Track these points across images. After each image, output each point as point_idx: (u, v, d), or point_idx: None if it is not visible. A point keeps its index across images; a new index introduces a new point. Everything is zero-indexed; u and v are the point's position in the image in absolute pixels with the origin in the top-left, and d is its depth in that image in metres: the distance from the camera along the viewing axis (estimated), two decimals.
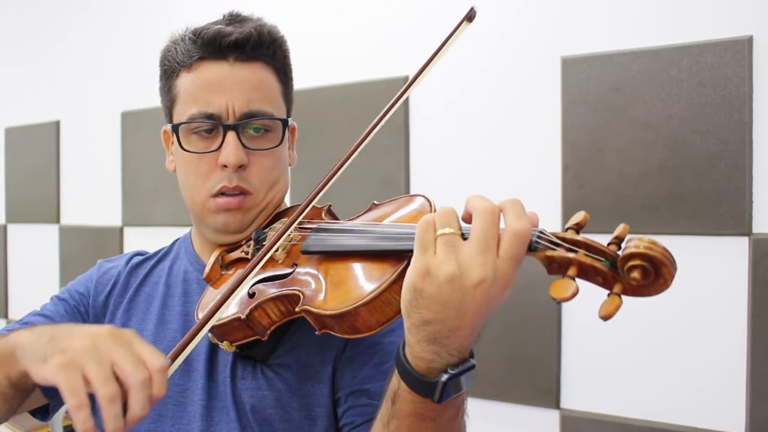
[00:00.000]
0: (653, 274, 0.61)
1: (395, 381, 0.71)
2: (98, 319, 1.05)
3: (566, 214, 1.66)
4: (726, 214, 1.49)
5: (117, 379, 0.65)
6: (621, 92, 1.60)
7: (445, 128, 1.87)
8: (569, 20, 1.69)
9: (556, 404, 1.69)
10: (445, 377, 0.66)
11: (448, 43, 0.87)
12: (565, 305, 1.67)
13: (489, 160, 1.80)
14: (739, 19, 1.48)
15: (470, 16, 0.88)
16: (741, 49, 1.47)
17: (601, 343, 1.63)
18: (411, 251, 0.70)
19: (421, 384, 0.68)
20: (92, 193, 2.70)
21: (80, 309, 1.05)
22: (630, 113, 1.59)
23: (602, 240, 0.64)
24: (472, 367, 0.68)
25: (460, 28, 0.88)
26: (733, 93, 1.48)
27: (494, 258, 0.63)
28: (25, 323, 1.02)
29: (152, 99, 2.42)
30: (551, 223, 1.69)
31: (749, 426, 1.47)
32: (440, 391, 0.67)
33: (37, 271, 2.87)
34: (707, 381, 1.52)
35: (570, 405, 1.69)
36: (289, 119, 1.02)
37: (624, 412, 1.61)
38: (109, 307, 1.06)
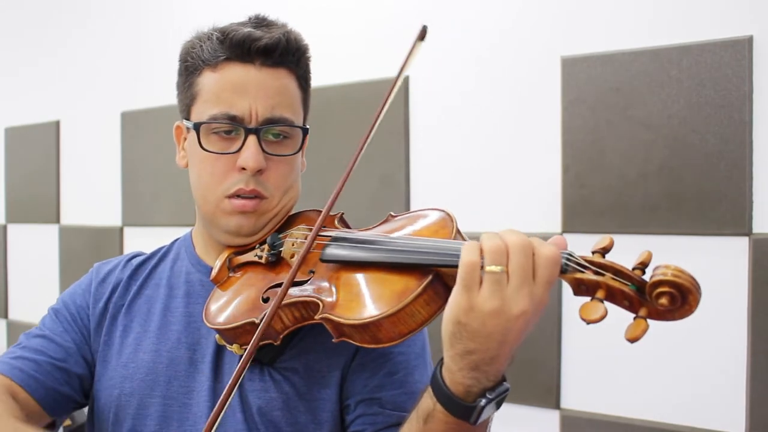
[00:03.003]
0: (680, 301, 0.64)
1: (429, 402, 0.74)
2: (99, 325, 1.04)
3: (566, 214, 1.66)
4: (726, 214, 1.49)
5: None
6: (621, 92, 1.60)
7: (445, 128, 1.87)
8: (569, 20, 1.69)
9: (556, 404, 1.69)
10: (484, 402, 0.70)
11: (406, 64, 0.89)
12: (565, 305, 1.68)
13: (489, 160, 1.80)
14: (739, 19, 1.48)
15: (422, 35, 0.89)
16: (741, 49, 1.47)
17: (601, 343, 1.63)
18: (434, 265, 0.74)
19: (459, 407, 0.71)
20: (92, 193, 2.70)
21: (78, 322, 1.05)
22: (630, 113, 1.59)
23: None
24: (507, 390, 0.73)
25: (414, 49, 0.90)
26: (733, 93, 1.48)
27: (532, 288, 0.67)
28: (30, 348, 1.01)
29: (152, 99, 2.45)
30: (552, 223, 1.69)
31: (749, 426, 1.47)
32: (478, 413, 0.71)
33: (37, 271, 2.87)
34: (707, 381, 1.52)
35: (570, 405, 1.69)
36: (308, 127, 1.02)
37: (624, 412, 1.61)
38: (109, 311, 1.05)
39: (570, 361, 1.68)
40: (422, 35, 0.88)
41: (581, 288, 0.68)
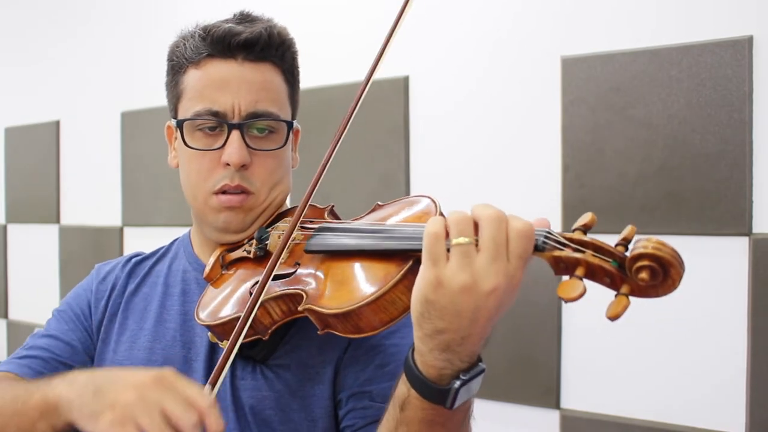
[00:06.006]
0: (661, 275, 0.61)
1: (404, 388, 0.71)
2: (100, 323, 1.05)
3: (566, 214, 1.66)
4: (726, 214, 1.49)
5: (171, 425, 0.67)
6: (621, 92, 1.60)
7: (445, 128, 1.87)
8: (569, 20, 1.68)
9: (556, 404, 1.69)
10: (458, 384, 0.67)
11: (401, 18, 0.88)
12: (565, 304, 1.67)
13: (489, 160, 1.80)
14: (739, 19, 1.48)
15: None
16: (741, 49, 1.47)
17: (601, 343, 1.63)
18: (416, 251, 0.70)
19: (433, 391, 0.68)
20: (92, 193, 2.70)
21: (81, 321, 1.05)
22: (630, 113, 1.59)
23: (608, 240, 0.64)
24: (482, 371, 0.69)
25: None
26: (733, 93, 1.48)
27: (506, 263, 0.64)
28: (37, 347, 1.02)
29: (152, 99, 2.44)
30: (551, 223, 1.68)
31: (749, 426, 1.47)
32: (452, 397, 0.67)
33: (37, 271, 2.87)
34: (707, 381, 1.52)
35: (570, 405, 1.69)
36: (294, 121, 1.02)
37: (624, 412, 1.61)
38: (108, 309, 1.05)
39: (570, 361, 1.68)
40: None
41: (560, 266, 0.65)
